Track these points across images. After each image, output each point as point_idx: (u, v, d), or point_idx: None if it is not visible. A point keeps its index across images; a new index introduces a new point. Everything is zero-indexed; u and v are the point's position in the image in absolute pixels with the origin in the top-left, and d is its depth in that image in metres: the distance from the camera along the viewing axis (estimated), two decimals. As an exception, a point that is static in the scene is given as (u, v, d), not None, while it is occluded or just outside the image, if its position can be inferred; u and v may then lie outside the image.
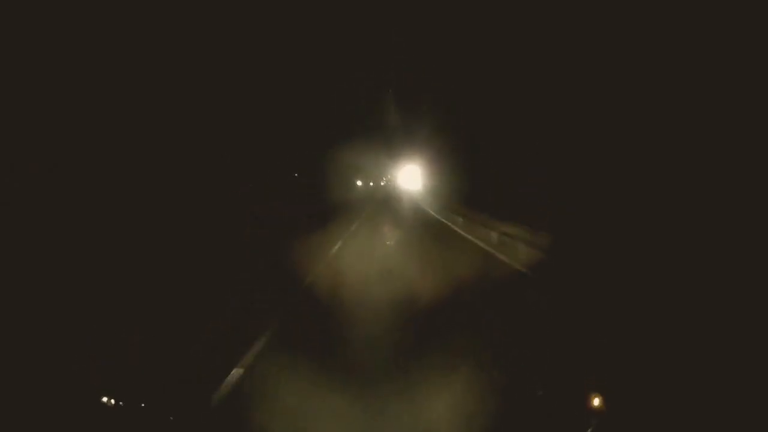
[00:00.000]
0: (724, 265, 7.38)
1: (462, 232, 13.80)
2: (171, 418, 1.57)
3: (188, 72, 15.41)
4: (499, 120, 21.15)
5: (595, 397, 1.51)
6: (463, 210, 17.58)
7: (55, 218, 9.07)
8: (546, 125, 18.22)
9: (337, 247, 9.76)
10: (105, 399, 1.53)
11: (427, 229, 14.78)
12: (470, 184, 23.02)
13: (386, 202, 30.17)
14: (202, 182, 15.76)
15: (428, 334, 3.98)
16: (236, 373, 3.14)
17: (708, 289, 5.95)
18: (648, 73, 13.82)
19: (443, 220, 17.71)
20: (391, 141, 39.02)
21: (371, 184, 56.27)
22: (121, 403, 1.58)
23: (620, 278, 6.84)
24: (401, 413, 2.56)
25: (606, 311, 5.19)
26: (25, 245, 7.24)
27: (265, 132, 19.95)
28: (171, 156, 14.04)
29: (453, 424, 2.45)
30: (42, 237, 7.58)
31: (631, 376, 2.55)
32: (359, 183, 46.14)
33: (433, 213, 21.00)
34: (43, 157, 11.64)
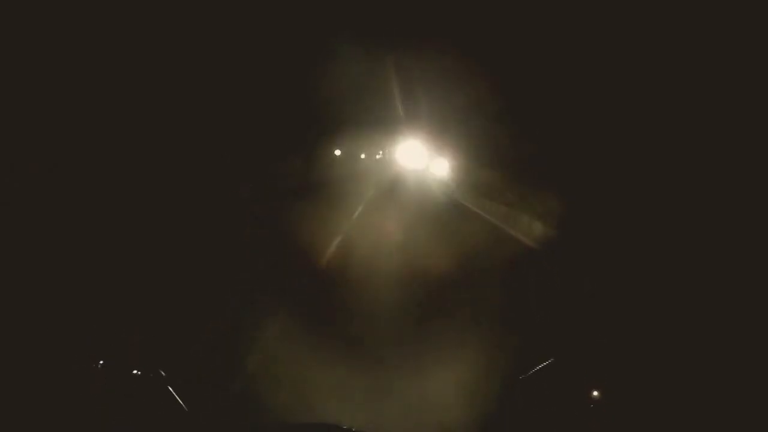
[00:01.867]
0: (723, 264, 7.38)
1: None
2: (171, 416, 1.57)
3: (180, 69, 15.35)
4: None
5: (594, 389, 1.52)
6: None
7: (55, 218, 9.06)
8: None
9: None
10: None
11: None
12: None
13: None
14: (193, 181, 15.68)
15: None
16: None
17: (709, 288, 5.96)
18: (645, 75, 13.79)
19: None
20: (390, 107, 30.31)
21: (362, 156, 40.70)
22: (120, 401, 1.58)
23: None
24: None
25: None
26: (25, 245, 7.24)
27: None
28: (163, 154, 13.93)
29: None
30: (41, 237, 7.56)
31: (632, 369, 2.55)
32: (337, 153, 30.43)
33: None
34: (43, 157, 11.62)
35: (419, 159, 36.70)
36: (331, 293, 4.81)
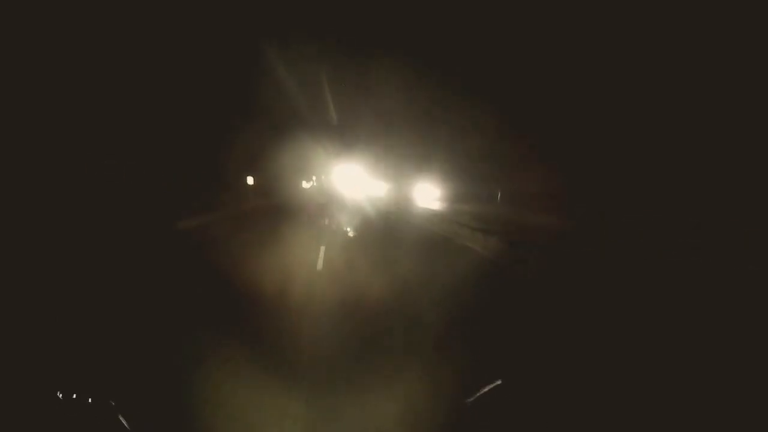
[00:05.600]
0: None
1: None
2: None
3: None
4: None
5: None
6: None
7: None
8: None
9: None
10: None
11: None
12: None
13: None
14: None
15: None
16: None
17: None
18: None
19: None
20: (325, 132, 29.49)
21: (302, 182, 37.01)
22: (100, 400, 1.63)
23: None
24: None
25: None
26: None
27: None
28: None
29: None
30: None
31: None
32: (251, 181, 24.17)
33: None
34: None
35: (353, 181, 35.15)
36: (272, 322, 4.77)
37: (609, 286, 6.61)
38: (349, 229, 12.02)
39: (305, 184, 41.23)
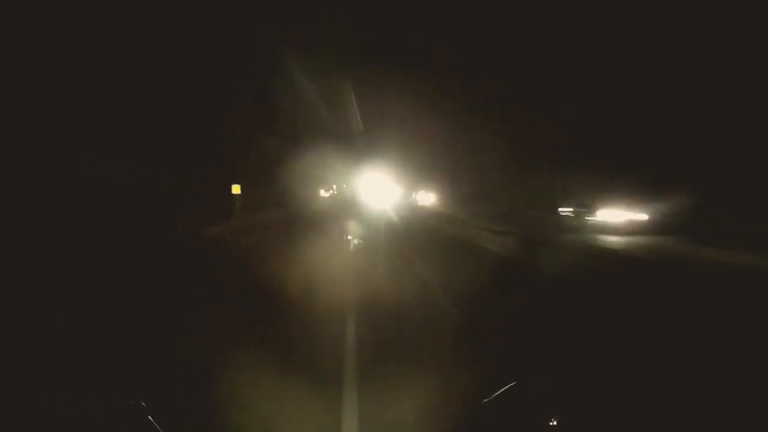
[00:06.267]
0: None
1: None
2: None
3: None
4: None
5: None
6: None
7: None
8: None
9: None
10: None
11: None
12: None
13: None
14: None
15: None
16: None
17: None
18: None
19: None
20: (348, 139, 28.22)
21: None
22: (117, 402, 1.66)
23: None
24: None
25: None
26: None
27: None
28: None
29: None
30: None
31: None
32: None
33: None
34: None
35: (377, 189, 35.04)
36: (293, 322, 4.81)
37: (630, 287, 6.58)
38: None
39: (324, 193, 39.34)
